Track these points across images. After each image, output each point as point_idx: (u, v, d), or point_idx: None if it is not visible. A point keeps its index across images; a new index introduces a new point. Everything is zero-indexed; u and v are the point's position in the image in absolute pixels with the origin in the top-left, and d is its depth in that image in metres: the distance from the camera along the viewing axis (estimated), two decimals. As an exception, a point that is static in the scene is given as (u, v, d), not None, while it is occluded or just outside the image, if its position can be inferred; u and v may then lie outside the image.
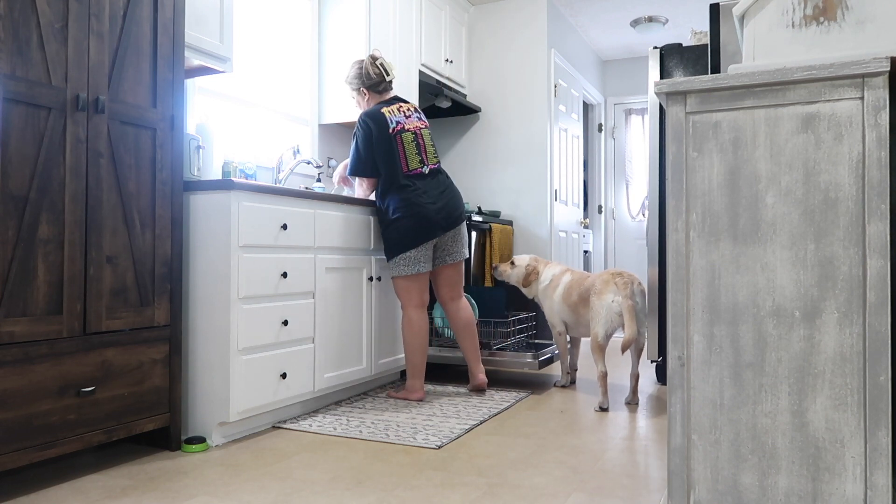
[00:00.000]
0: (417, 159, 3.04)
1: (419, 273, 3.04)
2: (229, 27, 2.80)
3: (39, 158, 1.89)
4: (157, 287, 2.24)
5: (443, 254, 3.14)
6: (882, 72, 1.29)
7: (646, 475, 2.08)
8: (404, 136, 3.03)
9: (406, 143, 3.03)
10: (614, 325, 3.01)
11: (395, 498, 1.88)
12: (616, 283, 3.00)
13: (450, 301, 3.22)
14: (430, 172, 3.07)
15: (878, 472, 1.30)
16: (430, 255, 3.07)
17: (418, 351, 3.07)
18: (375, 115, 3.03)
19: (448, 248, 3.13)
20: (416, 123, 3.11)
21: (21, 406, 1.84)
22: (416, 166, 3.03)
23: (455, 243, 3.14)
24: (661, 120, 3.60)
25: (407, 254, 3.01)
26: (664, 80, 1.46)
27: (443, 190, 3.08)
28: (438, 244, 3.11)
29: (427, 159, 3.07)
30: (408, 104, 3.17)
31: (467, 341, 3.23)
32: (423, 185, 3.02)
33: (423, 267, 3.04)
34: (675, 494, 1.46)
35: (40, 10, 1.89)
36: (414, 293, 3.06)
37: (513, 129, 4.88)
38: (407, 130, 3.05)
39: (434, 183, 3.06)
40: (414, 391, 3.07)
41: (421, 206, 2.98)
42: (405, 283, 3.05)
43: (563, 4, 5.03)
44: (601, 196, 6.46)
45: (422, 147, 3.07)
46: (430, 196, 3.02)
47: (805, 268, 1.36)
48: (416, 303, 3.07)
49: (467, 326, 3.21)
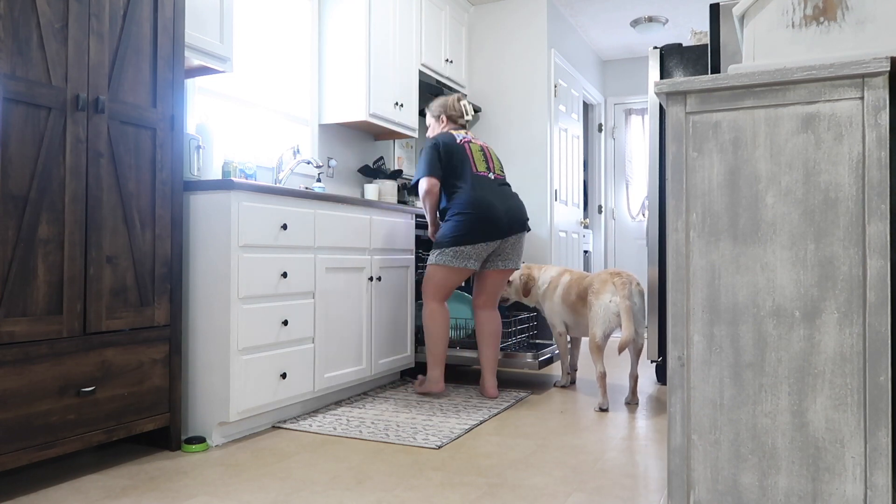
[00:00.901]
0: (484, 165, 3.17)
1: (462, 268, 3.07)
2: (229, 27, 2.80)
3: (39, 158, 1.89)
4: (157, 287, 2.24)
5: (496, 259, 3.17)
6: (882, 72, 1.29)
7: (646, 475, 2.08)
8: (472, 146, 3.20)
9: (474, 151, 3.18)
10: (612, 325, 3.01)
11: (395, 498, 1.88)
12: (614, 283, 3.00)
13: (483, 308, 3.24)
14: (495, 179, 3.18)
15: (878, 472, 1.30)
16: (483, 256, 3.10)
17: (440, 341, 3.12)
18: (444, 135, 3.21)
19: (505, 254, 3.17)
20: (483, 143, 3.29)
21: (21, 406, 1.84)
22: (483, 170, 3.15)
23: (514, 250, 3.19)
24: (661, 120, 3.60)
25: (462, 247, 3.05)
26: (664, 80, 1.46)
27: (509, 196, 3.17)
28: (497, 249, 3.15)
29: (493, 168, 3.20)
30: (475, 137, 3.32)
31: (489, 351, 3.23)
32: (490, 187, 3.11)
33: (471, 264, 3.07)
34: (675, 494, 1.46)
35: (40, 10, 1.89)
36: (446, 288, 3.11)
37: (513, 129, 4.88)
38: (475, 143, 3.23)
39: (500, 188, 3.16)
40: (436, 382, 3.13)
41: (489, 205, 3.05)
42: (445, 273, 3.08)
43: (563, 4, 5.03)
44: (601, 196, 6.46)
45: (489, 158, 3.22)
46: (497, 198, 3.09)
47: (805, 268, 1.36)
48: (441, 296, 3.12)
49: (492, 335, 3.23)
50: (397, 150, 4.63)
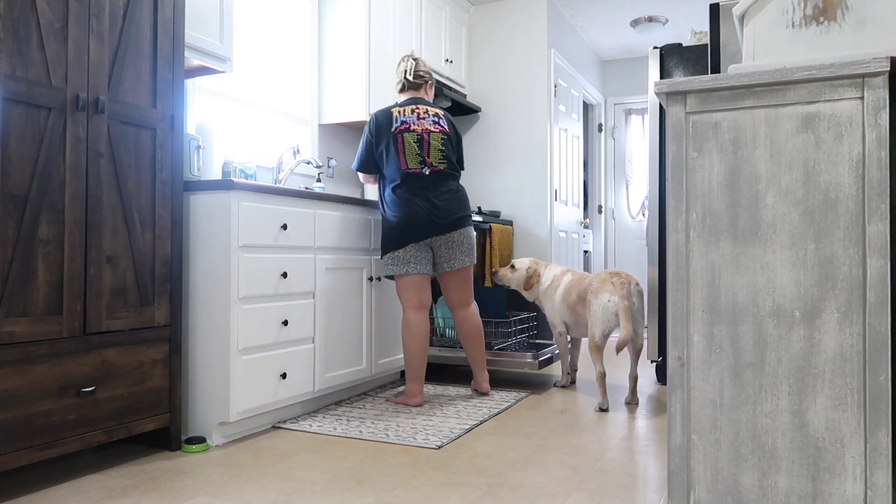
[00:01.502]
0: (418, 160, 2.96)
1: (410, 274, 2.96)
2: (229, 27, 2.80)
3: (39, 158, 1.89)
4: (157, 287, 2.24)
5: (441, 260, 3.05)
6: (882, 72, 1.29)
7: (646, 475, 2.08)
8: (406, 136, 2.97)
9: (407, 143, 2.96)
10: (611, 325, 3.01)
11: (395, 498, 1.88)
12: (613, 283, 3.00)
13: (457, 307, 3.16)
14: (432, 175, 2.97)
15: (878, 472, 1.30)
16: (425, 256, 2.99)
17: (417, 354, 2.98)
18: (382, 113, 3.04)
19: (445, 255, 3.03)
20: (427, 126, 3.02)
21: (21, 406, 1.84)
22: (415, 166, 2.95)
23: (451, 250, 3.03)
24: (661, 120, 3.60)
25: (395, 253, 2.96)
26: (664, 80, 1.46)
27: (442, 192, 2.98)
28: (435, 249, 3.03)
29: (431, 161, 2.98)
30: (428, 107, 3.09)
31: (474, 349, 3.18)
32: (419, 185, 2.94)
33: (414, 268, 2.96)
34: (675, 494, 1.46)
35: (40, 10, 1.89)
36: (411, 294, 2.98)
37: (513, 129, 4.88)
38: (412, 131, 2.98)
39: (433, 185, 2.97)
40: (413, 396, 2.98)
41: (411, 205, 2.92)
42: (399, 282, 2.99)
43: (563, 4, 5.03)
44: (601, 196, 6.46)
45: (425, 149, 2.98)
46: (423, 197, 2.94)
47: (805, 268, 1.36)
48: (414, 304, 2.99)
49: (474, 334, 3.16)
50: (397, 150, 4.63)
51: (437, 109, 3.13)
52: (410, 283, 2.98)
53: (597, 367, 3.00)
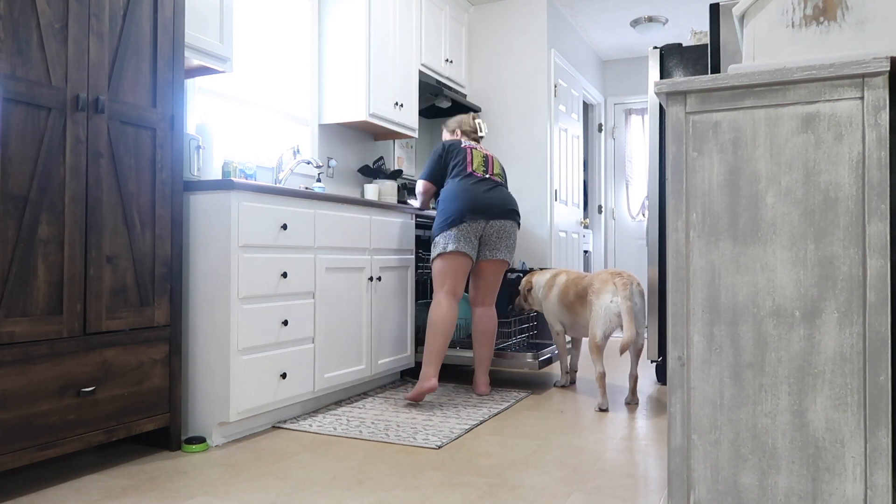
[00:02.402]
0: (482, 168, 3.23)
1: (456, 252, 3.07)
2: (229, 27, 2.80)
3: (39, 158, 1.89)
4: (157, 287, 2.24)
5: (484, 248, 3.18)
6: (882, 72, 1.29)
7: (646, 475, 2.08)
8: (475, 152, 3.26)
9: (475, 155, 3.25)
10: (612, 325, 3.01)
11: (395, 498, 1.88)
12: (615, 284, 2.99)
13: (479, 304, 3.25)
14: (489, 179, 3.21)
15: (878, 472, 1.30)
16: (472, 239, 3.11)
17: (439, 335, 3.03)
18: (453, 140, 3.33)
19: (491, 243, 3.17)
20: (489, 153, 3.34)
21: (21, 406, 1.84)
22: (478, 170, 3.21)
23: (500, 239, 3.18)
24: (661, 120, 3.60)
25: (447, 232, 3.08)
26: (664, 80, 1.46)
27: (496, 187, 3.20)
28: (483, 236, 3.16)
29: (490, 171, 3.25)
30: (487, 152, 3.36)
31: (483, 350, 3.24)
32: (478, 183, 3.16)
33: (463, 247, 3.07)
34: (675, 494, 1.46)
35: (40, 10, 1.89)
36: (448, 277, 3.08)
37: (513, 129, 4.88)
38: (478, 150, 3.29)
39: (489, 184, 3.19)
40: (426, 379, 2.96)
41: (469, 190, 3.11)
42: (441, 263, 3.09)
43: (563, 4, 5.03)
44: (601, 196, 6.46)
45: (489, 164, 3.27)
46: (481, 189, 3.14)
47: (805, 268, 1.36)
48: (448, 288, 3.08)
49: (487, 334, 3.23)
50: (397, 150, 4.63)
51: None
52: (451, 266, 3.08)
53: (597, 368, 3.00)
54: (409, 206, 3.49)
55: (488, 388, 3.23)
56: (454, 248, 3.06)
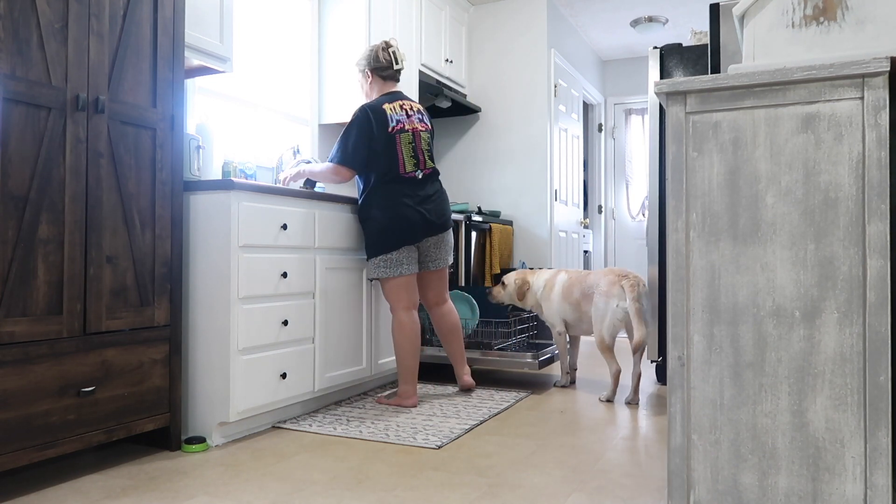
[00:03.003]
0: (413, 162, 2.96)
1: (402, 276, 2.95)
2: (229, 27, 2.80)
3: (39, 158, 1.89)
4: (157, 287, 2.24)
5: (426, 259, 3.07)
6: (882, 72, 1.29)
7: (646, 475, 2.08)
8: (402, 137, 2.94)
9: (403, 144, 2.94)
10: (618, 328, 3.05)
11: (395, 498, 1.88)
12: (623, 286, 3.01)
13: (434, 305, 3.18)
14: (423, 178, 2.99)
15: (878, 472, 1.30)
16: (414, 257, 2.99)
17: (410, 354, 2.97)
18: (377, 110, 2.93)
19: (431, 255, 3.06)
20: (415, 125, 3.00)
21: (21, 406, 1.84)
22: (412, 170, 2.95)
23: (438, 250, 3.07)
24: (661, 120, 3.60)
25: (388, 255, 2.93)
26: (664, 80, 1.46)
27: (431, 194, 2.99)
28: (421, 249, 3.04)
29: (422, 163, 2.99)
30: (411, 102, 3.08)
31: (453, 345, 3.20)
32: (413, 189, 2.94)
33: (407, 269, 2.95)
34: (675, 494, 1.46)
35: (40, 10, 1.89)
36: (402, 295, 2.97)
37: (513, 129, 4.88)
38: (406, 131, 2.96)
39: (424, 187, 2.98)
40: (407, 397, 2.96)
41: (405, 207, 2.90)
42: (391, 284, 2.97)
43: (563, 4, 5.03)
44: (601, 196, 6.46)
45: (418, 150, 2.98)
46: (415, 199, 2.93)
47: (805, 268, 1.36)
48: (405, 304, 2.98)
49: (453, 331, 3.19)
50: (397, 150, 4.63)
51: (417, 104, 3.12)
52: (403, 285, 2.96)
53: (612, 366, 3.05)
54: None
55: (471, 379, 3.24)
56: (399, 273, 2.94)
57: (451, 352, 3.22)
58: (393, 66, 3.05)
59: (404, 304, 2.98)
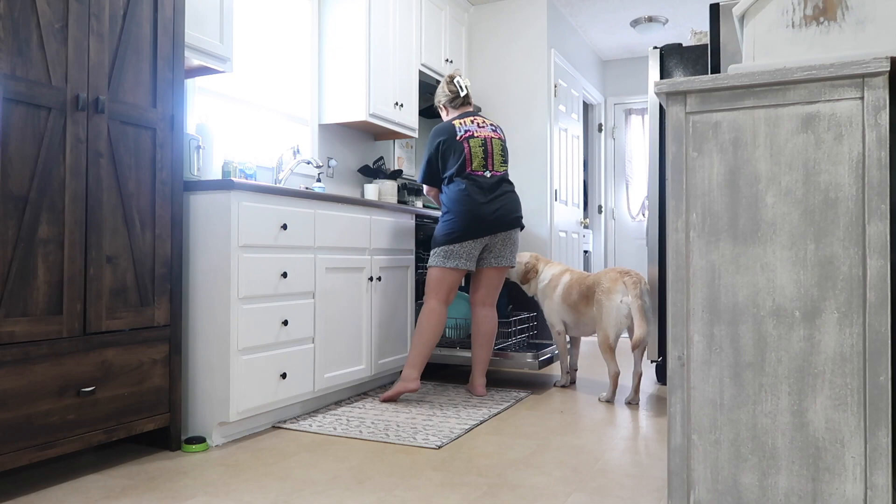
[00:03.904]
0: (481, 163, 3.14)
1: (455, 268, 3.07)
2: (229, 27, 2.80)
3: (39, 158, 1.89)
4: (157, 287, 2.24)
5: (489, 255, 3.17)
6: (882, 72, 1.29)
7: (646, 475, 2.08)
8: (472, 142, 3.15)
9: (473, 147, 3.14)
10: (623, 325, 3.04)
11: (395, 498, 1.88)
12: (625, 283, 3.02)
13: (481, 305, 3.24)
14: (492, 177, 3.15)
15: (878, 472, 1.30)
16: (474, 255, 3.10)
17: (427, 342, 3.05)
18: (445, 126, 3.19)
19: (497, 251, 3.17)
20: (488, 133, 3.21)
21: (21, 406, 1.84)
22: (479, 168, 3.13)
23: (505, 247, 3.18)
24: (661, 120, 3.60)
25: (450, 246, 3.06)
26: (664, 80, 1.46)
27: (500, 194, 3.14)
28: (488, 245, 3.15)
29: (491, 165, 3.16)
30: (484, 118, 3.27)
31: (481, 350, 3.23)
32: (483, 186, 3.10)
33: (464, 264, 3.07)
34: (675, 494, 1.46)
35: (40, 10, 1.89)
36: (444, 287, 3.09)
37: (513, 129, 4.88)
38: (476, 137, 3.17)
39: (493, 186, 3.13)
40: (410, 380, 3.01)
41: (474, 203, 3.06)
42: (439, 274, 3.08)
43: (563, 4, 5.03)
44: (601, 196, 6.46)
45: (489, 153, 3.17)
46: (485, 196, 3.09)
47: (805, 268, 1.36)
48: (441, 297, 3.09)
49: (486, 335, 3.23)
50: (397, 150, 4.63)
51: (490, 120, 3.36)
52: (448, 279, 3.09)
53: (611, 367, 3.05)
54: (409, 207, 3.49)
55: (485, 389, 3.23)
56: (455, 265, 3.07)
57: (477, 356, 3.25)
58: (459, 94, 3.31)
59: (442, 296, 3.10)
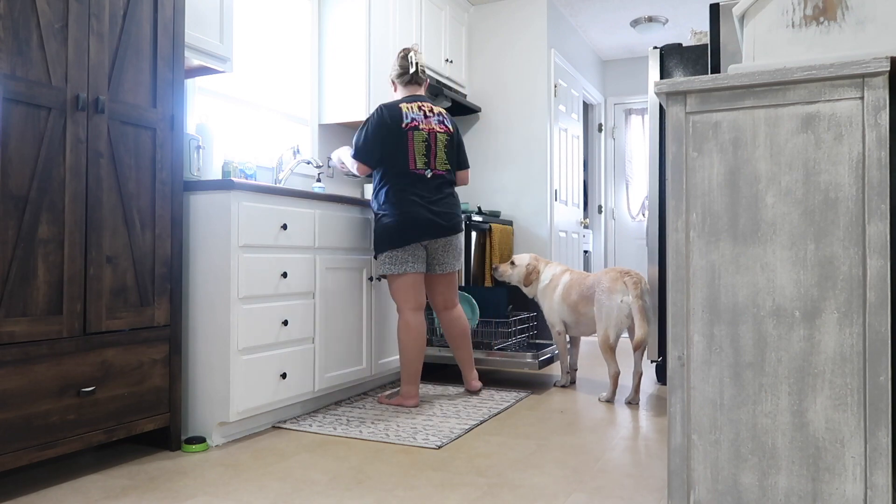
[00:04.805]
0: (423, 160, 2.96)
1: (409, 273, 2.94)
2: (229, 27, 2.80)
3: (39, 158, 1.89)
4: (157, 287, 2.24)
5: (433, 262, 3.05)
6: (882, 72, 1.29)
7: (646, 475, 2.08)
8: (416, 134, 2.96)
9: (416, 142, 2.96)
10: (624, 325, 3.04)
11: (394, 498, 1.88)
12: (625, 283, 3.01)
13: (443, 310, 3.16)
14: (433, 177, 2.98)
15: (878, 472, 1.30)
16: (421, 256, 2.98)
17: (414, 356, 2.96)
18: (391, 107, 2.98)
19: (438, 258, 3.05)
20: (433, 126, 3.02)
21: (21, 406, 1.84)
22: (421, 167, 2.96)
23: (446, 254, 3.05)
24: (661, 120, 3.60)
25: (394, 252, 2.93)
26: (664, 80, 1.46)
27: (441, 197, 2.99)
28: (430, 251, 3.03)
29: (433, 164, 2.99)
30: (432, 105, 3.09)
31: (462, 350, 3.20)
32: (422, 187, 2.94)
33: (412, 267, 2.94)
34: (675, 494, 1.46)
35: (40, 10, 1.89)
36: (409, 294, 2.96)
37: (513, 129, 4.88)
38: (420, 129, 2.97)
39: (433, 188, 2.97)
40: (409, 397, 2.96)
41: (413, 205, 2.91)
42: (396, 282, 2.96)
43: (563, 4, 5.03)
44: (601, 196, 6.46)
45: (431, 150, 2.99)
46: (424, 199, 2.94)
47: (805, 268, 1.36)
48: (411, 305, 2.97)
49: (462, 336, 3.18)
50: (397, 150, 4.63)
51: (440, 108, 3.14)
52: (409, 284, 2.96)
53: (611, 367, 3.04)
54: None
55: (479, 382, 3.23)
56: (404, 271, 2.94)
57: (460, 357, 3.21)
58: (409, 70, 3.06)
59: (411, 304, 2.97)
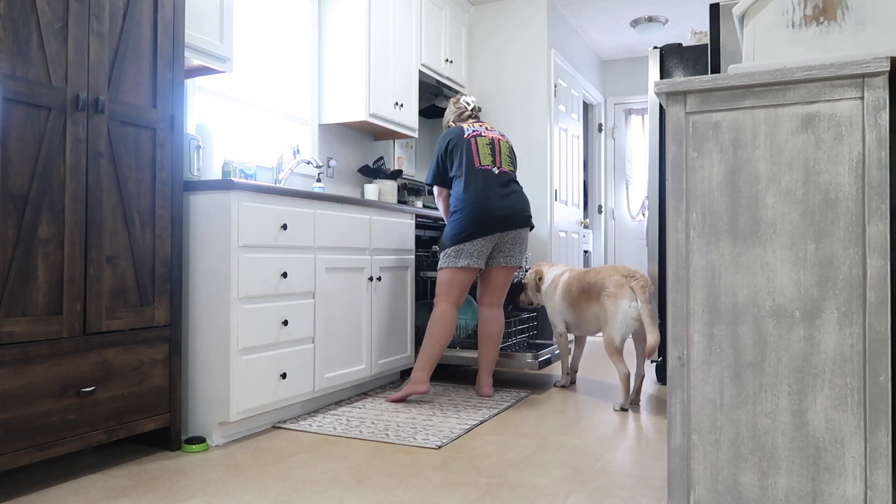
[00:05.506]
0: (489, 159, 3.14)
1: (467, 268, 3.06)
2: (229, 27, 2.80)
3: (39, 158, 1.89)
4: (157, 287, 2.24)
5: (499, 255, 3.16)
6: (882, 72, 1.29)
7: (646, 475, 2.08)
8: (479, 140, 3.18)
9: (480, 145, 3.16)
10: (631, 328, 2.98)
11: (395, 498, 1.88)
12: (632, 288, 2.96)
13: (488, 306, 3.23)
14: (500, 174, 3.13)
15: (878, 472, 1.30)
16: (485, 253, 3.09)
17: (438, 345, 3.05)
18: (453, 129, 3.24)
19: (506, 250, 3.16)
20: (495, 135, 3.24)
21: (21, 406, 1.84)
22: (487, 163, 3.13)
23: (514, 247, 3.17)
24: (661, 120, 3.60)
25: (460, 246, 3.05)
26: (664, 80, 1.46)
27: (510, 192, 3.13)
28: (498, 244, 3.14)
29: (499, 162, 3.16)
30: (492, 126, 3.33)
31: (488, 351, 3.23)
32: (491, 181, 3.09)
33: (474, 262, 3.06)
34: (675, 494, 1.46)
35: (40, 10, 1.89)
36: (455, 289, 3.08)
37: (513, 129, 4.88)
38: (483, 136, 3.20)
39: (502, 184, 3.12)
40: (420, 383, 3.01)
41: (485, 199, 3.05)
42: (450, 275, 3.07)
43: (563, 4, 5.03)
44: (601, 196, 6.46)
45: (496, 151, 3.18)
46: (495, 192, 3.08)
47: (805, 268, 1.36)
48: (453, 300, 3.08)
49: (493, 337, 3.22)
50: (397, 150, 4.63)
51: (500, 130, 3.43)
52: (460, 278, 3.08)
53: (620, 369, 2.98)
54: (409, 207, 3.49)
55: (491, 389, 3.22)
56: (465, 265, 3.06)
57: (484, 356, 3.25)
58: (466, 109, 3.37)
59: (453, 299, 3.09)
